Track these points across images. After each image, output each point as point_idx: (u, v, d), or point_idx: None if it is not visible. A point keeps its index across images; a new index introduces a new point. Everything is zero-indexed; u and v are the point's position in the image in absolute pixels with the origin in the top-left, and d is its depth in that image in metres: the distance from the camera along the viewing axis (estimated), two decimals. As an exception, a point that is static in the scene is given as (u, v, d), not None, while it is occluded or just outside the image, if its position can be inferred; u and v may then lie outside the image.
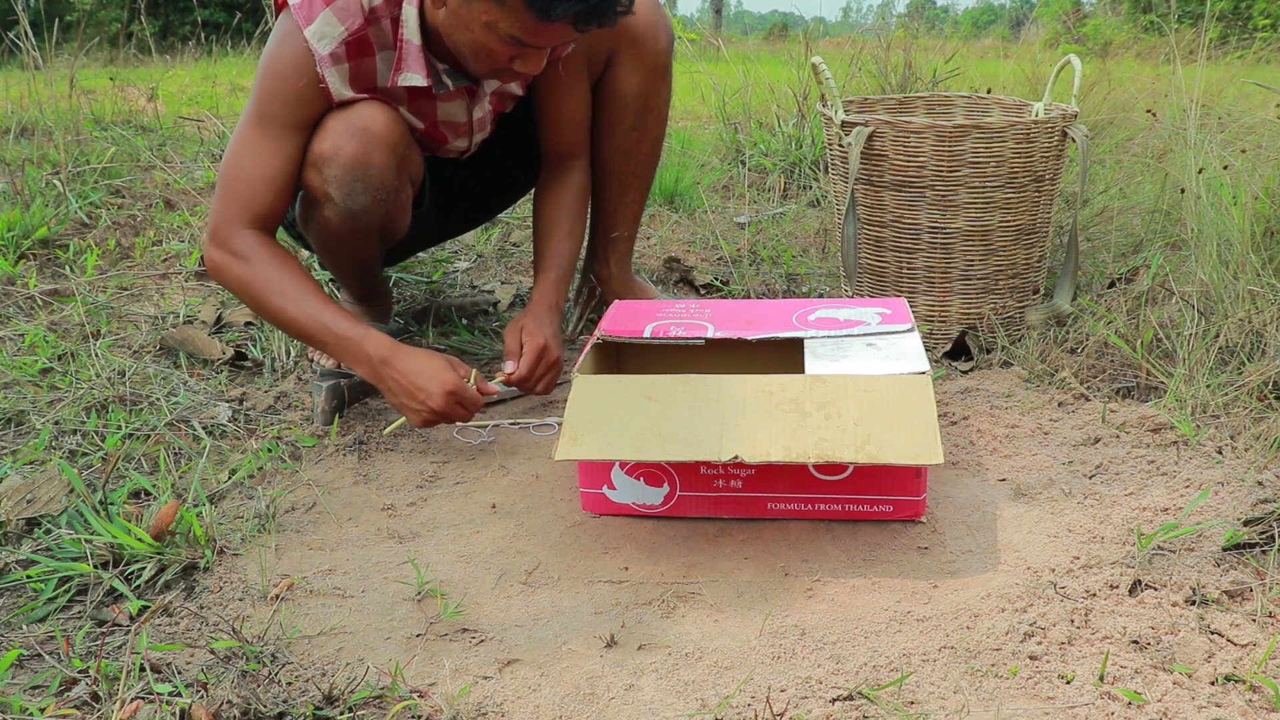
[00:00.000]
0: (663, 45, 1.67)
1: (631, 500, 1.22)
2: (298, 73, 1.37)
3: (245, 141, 1.40)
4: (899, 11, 17.14)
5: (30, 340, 1.70)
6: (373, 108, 1.41)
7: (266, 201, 1.39)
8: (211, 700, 0.87)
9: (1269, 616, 0.97)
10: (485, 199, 1.86)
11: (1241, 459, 1.29)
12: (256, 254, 1.38)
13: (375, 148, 1.40)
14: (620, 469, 1.21)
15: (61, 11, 7.62)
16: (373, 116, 1.40)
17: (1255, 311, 1.56)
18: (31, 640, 0.97)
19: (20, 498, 1.19)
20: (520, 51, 1.32)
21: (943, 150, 1.66)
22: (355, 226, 1.45)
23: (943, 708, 0.87)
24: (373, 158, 1.40)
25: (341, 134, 1.38)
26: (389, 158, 1.42)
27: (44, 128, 2.90)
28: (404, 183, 1.49)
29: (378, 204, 1.43)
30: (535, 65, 1.35)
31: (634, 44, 1.63)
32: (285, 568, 1.12)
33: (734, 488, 1.21)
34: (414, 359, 1.33)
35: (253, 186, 1.39)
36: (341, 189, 1.39)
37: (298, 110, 1.39)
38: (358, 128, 1.39)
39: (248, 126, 1.40)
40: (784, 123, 3.15)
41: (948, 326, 1.78)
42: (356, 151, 1.38)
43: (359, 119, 1.39)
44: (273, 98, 1.38)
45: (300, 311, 1.36)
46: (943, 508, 1.24)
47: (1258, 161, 2.02)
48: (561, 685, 0.92)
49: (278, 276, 1.37)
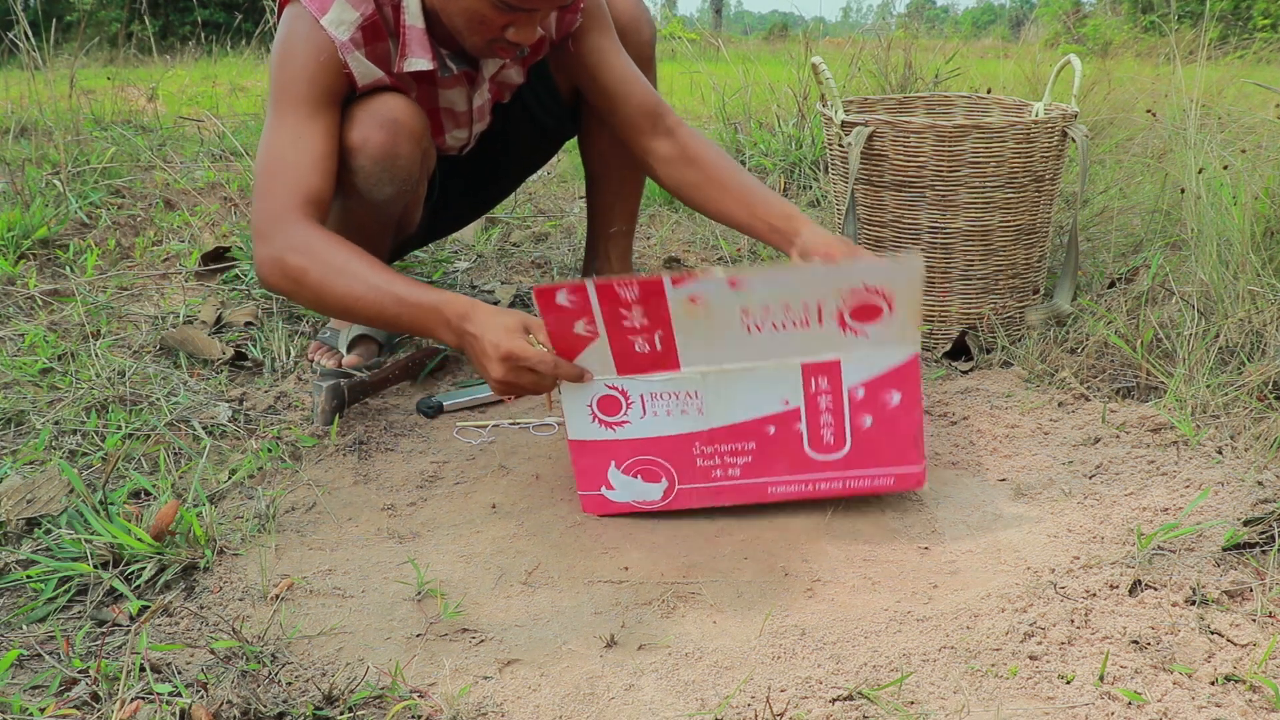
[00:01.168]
0: (646, 37, 1.68)
1: (630, 498, 1.22)
2: (320, 56, 1.35)
3: (279, 131, 1.34)
4: (899, 11, 17.15)
5: (30, 340, 1.70)
6: (397, 99, 1.41)
7: (315, 183, 1.32)
8: (211, 700, 0.87)
9: (1269, 616, 0.97)
10: (480, 195, 1.86)
11: (1241, 459, 1.29)
12: (313, 242, 1.27)
13: (403, 138, 1.40)
14: (616, 468, 1.21)
15: (61, 11, 7.62)
16: (399, 107, 1.40)
17: (1255, 311, 1.56)
18: (31, 640, 0.97)
19: (20, 498, 1.19)
20: (512, 18, 1.31)
21: (943, 150, 1.66)
22: (377, 218, 1.45)
23: (943, 708, 0.87)
24: (400, 148, 1.40)
25: (369, 124, 1.38)
26: (415, 149, 1.42)
27: (44, 128, 2.90)
28: (424, 175, 1.50)
29: (401, 195, 1.43)
30: (528, 34, 1.33)
31: (620, 36, 1.64)
32: (285, 568, 1.12)
33: (732, 476, 1.20)
34: (485, 318, 1.19)
35: (299, 171, 1.32)
36: (368, 179, 1.39)
37: (326, 90, 1.36)
38: (386, 118, 1.39)
39: (277, 118, 1.35)
40: (784, 123, 3.15)
41: (948, 326, 1.78)
42: (385, 141, 1.38)
43: (387, 110, 1.39)
44: (297, 82, 1.35)
45: (369, 287, 1.24)
46: (943, 508, 1.24)
47: (1258, 161, 2.02)
48: (561, 685, 0.92)
49: (339, 257, 1.26)
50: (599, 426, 1.20)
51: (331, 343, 1.72)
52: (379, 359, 1.69)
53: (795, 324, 1.13)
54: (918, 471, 1.19)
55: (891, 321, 1.13)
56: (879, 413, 1.18)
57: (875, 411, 1.18)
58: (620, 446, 1.21)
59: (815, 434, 1.19)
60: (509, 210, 2.75)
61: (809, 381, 1.17)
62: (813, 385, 1.17)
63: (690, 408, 1.19)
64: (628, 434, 1.20)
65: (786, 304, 1.11)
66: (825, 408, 1.18)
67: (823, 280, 1.11)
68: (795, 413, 1.18)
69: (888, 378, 1.17)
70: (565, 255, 2.36)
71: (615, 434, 1.20)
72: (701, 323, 1.12)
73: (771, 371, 1.17)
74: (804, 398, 1.18)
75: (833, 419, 1.18)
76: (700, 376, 1.17)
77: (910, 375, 1.17)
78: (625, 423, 1.20)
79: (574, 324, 1.13)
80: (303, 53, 1.36)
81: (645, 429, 1.20)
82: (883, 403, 1.18)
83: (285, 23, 1.39)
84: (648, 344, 1.14)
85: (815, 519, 1.22)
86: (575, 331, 1.14)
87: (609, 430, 1.20)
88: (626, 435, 1.20)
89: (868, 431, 1.19)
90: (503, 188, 1.88)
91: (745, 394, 1.18)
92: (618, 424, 1.20)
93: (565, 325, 1.13)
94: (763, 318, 1.12)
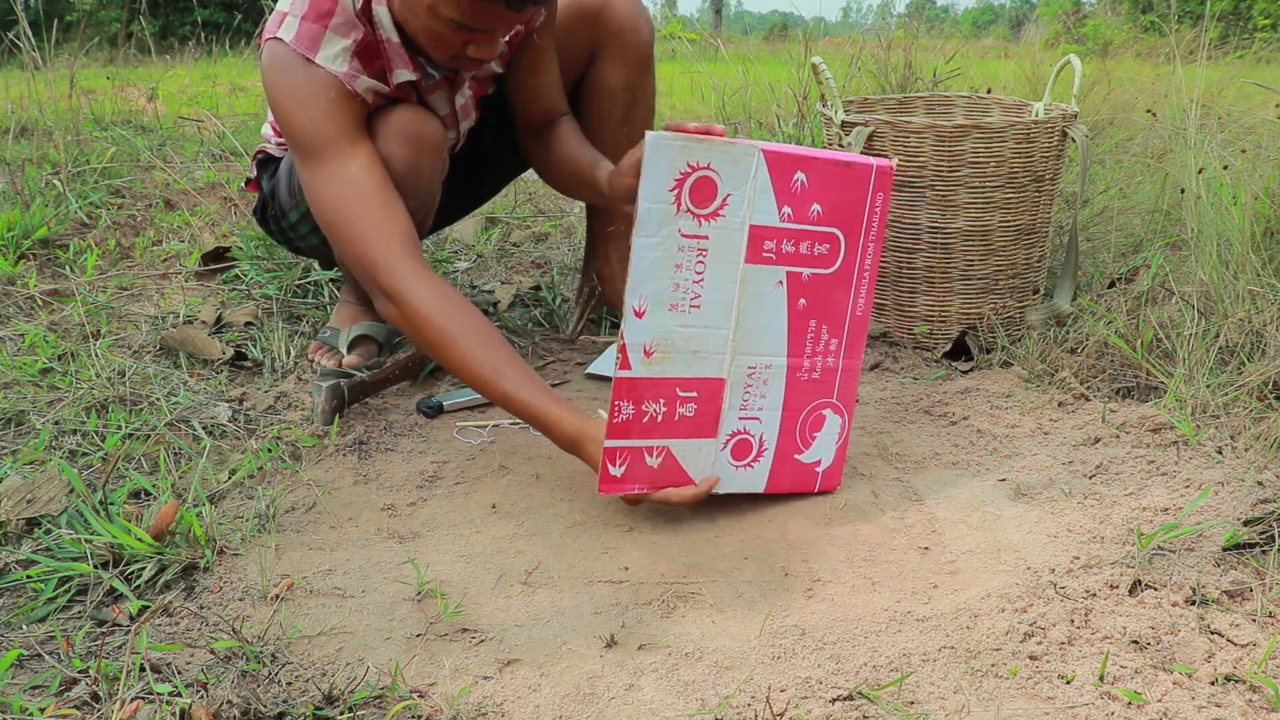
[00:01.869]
0: (645, 37, 1.68)
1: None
2: (330, 93, 1.34)
3: (328, 180, 1.31)
4: (899, 11, 17.17)
5: (30, 340, 1.70)
6: (416, 112, 1.41)
7: (399, 217, 1.30)
8: (211, 700, 0.87)
9: (1269, 616, 0.97)
10: (472, 189, 1.86)
11: (1241, 459, 1.29)
12: (429, 300, 1.24)
13: (425, 153, 1.40)
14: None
15: (61, 11, 7.62)
16: (421, 121, 1.40)
17: (1255, 311, 1.56)
18: (31, 640, 0.97)
19: (20, 498, 1.19)
20: (470, 37, 1.30)
21: (943, 150, 1.66)
22: None
23: (943, 708, 0.87)
24: (423, 162, 1.40)
25: (393, 139, 1.38)
26: (436, 162, 1.43)
27: (44, 128, 2.90)
28: (439, 186, 1.50)
29: (420, 208, 1.44)
30: (488, 50, 1.32)
31: (617, 37, 1.64)
32: (285, 568, 1.12)
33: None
34: (595, 451, 1.16)
35: (373, 215, 1.28)
36: None
37: (353, 120, 1.34)
38: (409, 133, 1.39)
39: (318, 165, 1.32)
40: (784, 123, 3.15)
41: (948, 326, 1.78)
42: (408, 156, 1.39)
43: (409, 124, 1.39)
44: (319, 124, 1.32)
45: (503, 384, 1.21)
46: (943, 508, 1.24)
47: (1258, 161, 2.02)
48: (561, 685, 0.92)
49: (467, 336, 1.23)
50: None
51: (331, 343, 1.71)
52: (379, 359, 1.69)
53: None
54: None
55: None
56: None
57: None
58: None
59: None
60: (509, 210, 2.75)
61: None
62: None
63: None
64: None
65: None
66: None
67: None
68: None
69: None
70: (565, 255, 2.36)
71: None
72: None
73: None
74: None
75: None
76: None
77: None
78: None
79: (645, 459, 1.15)
80: (312, 95, 1.33)
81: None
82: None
83: (277, 68, 1.36)
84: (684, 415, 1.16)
85: (815, 519, 1.22)
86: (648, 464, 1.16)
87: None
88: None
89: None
90: (495, 182, 1.88)
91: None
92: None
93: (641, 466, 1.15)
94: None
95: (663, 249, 1.08)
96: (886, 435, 1.46)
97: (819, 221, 1.15)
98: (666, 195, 1.06)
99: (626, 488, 1.15)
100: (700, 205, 1.08)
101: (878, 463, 1.37)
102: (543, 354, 1.78)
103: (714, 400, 1.17)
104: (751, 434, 1.20)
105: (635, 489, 1.15)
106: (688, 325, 1.12)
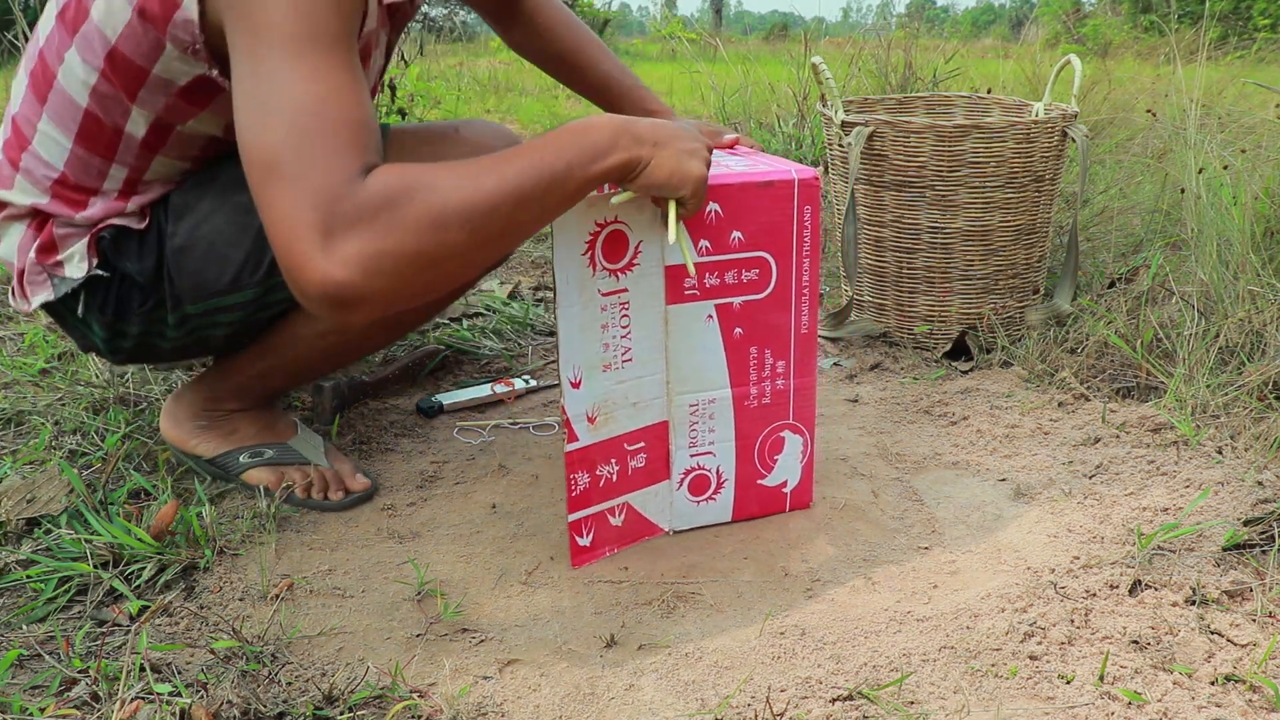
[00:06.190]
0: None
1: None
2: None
3: (309, 79, 0.88)
4: (899, 11, 17.17)
5: (30, 340, 1.70)
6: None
7: (377, 143, 0.91)
8: (211, 700, 0.87)
9: (1269, 616, 0.97)
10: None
11: (1241, 459, 1.29)
12: (394, 184, 0.84)
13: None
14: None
15: (61, 11, 7.59)
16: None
17: (1255, 311, 1.56)
18: (31, 640, 0.97)
19: (20, 498, 1.19)
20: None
21: (943, 150, 1.66)
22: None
23: (943, 708, 0.87)
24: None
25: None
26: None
27: (44, 128, 2.90)
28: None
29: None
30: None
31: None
32: (285, 568, 1.12)
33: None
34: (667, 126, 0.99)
35: (353, 129, 0.88)
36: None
37: (352, 19, 0.95)
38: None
39: (296, 61, 0.89)
40: (784, 123, 3.15)
41: (948, 326, 1.78)
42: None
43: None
44: (322, 12, 0.90)
45: (507, 168, 0.89)
46: (943, 508, 1.24)
47: (1258, 161, 2.02)
48: (561, 685, 0.92)
49: (443, 172, 0.87)
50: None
51: (298, 459, 1.63)
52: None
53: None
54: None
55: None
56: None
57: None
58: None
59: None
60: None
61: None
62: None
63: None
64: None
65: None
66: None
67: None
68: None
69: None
70: (565, 255, 2.36)
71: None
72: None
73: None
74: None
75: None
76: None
77: None
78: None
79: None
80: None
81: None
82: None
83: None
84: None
85: (815, 519, 1.22)
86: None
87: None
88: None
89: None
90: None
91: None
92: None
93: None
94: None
95: (587, 313, 1.05)
96: (886, 435, 1.46)
97: (743, 248, 1.11)
98: (580, 260, 1.04)
99: (598, 554, 1.15)
100: (613, 260, 1.06)
101: (878, 463, 1.37)
102: (542, 354, 1.78)
103: (660, 444, 1.16)
104: (707, 468, 1.19)
105: (607, 552, 1.15)
106: (624, 381, 1.10)
